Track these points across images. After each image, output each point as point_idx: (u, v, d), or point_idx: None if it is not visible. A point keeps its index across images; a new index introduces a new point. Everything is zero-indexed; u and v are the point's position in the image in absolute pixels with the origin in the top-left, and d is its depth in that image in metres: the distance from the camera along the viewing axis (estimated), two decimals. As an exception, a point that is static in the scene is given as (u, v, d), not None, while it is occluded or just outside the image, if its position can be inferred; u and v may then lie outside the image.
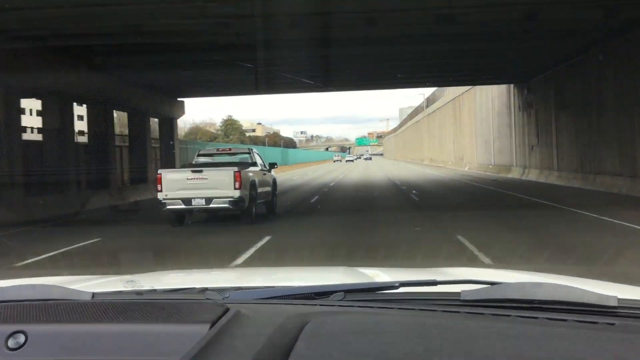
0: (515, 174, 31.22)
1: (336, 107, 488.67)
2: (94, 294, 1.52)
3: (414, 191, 22.92)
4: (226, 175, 12.86)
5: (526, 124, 30.10)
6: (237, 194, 12.72)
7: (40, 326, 1.21)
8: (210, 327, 1.17)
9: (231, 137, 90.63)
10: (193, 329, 1.17)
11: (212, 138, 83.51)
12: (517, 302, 1.33)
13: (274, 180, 16.11)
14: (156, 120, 29.74)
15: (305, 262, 7.74)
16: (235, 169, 13.05)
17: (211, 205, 12.89)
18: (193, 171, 13.24)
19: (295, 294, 1.49)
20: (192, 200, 12.82)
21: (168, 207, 12.95)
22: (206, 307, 1.33)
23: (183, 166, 16.34)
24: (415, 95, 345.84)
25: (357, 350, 1.07)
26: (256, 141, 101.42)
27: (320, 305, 1.38)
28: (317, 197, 22.15)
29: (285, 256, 8.61)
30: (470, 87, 41.13)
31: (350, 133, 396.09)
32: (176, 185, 12.92)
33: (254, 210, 13.55)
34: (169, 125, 29.57)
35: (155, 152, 29.28)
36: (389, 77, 26.63)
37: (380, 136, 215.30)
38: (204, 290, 1.63)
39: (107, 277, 2.26)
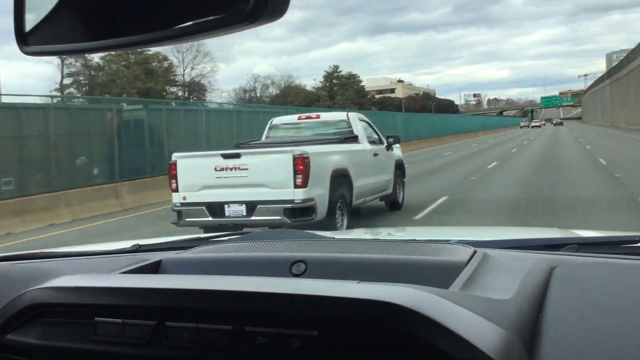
0: None
1: (521, 68, 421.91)
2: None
3: None
4: (280, 162, 7.85)
5: None
6: (300, 194, 7.76)
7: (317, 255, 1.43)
8: (466, 265, 1.26)
9: (337, 98, 62.51)
10: (451, 263, 1.28)
11: (310, 101, 56.66)
12: None
13: (399, 163, 11.37)
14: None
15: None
16: (299, 150, 7.90)
17: (254, 217, 7.84)
18: (225, 156, 8.18)
19: (531, 245, 1.58)
20: (225, 206, 7.96)
21: (186, 219, 8.21)
22: (458, 250, 1.42)
23: (237, 146, 10.07)
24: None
25: (607, 300, 1.08)
26: (387, 105, 71.50)
27: (559, 255, 1.43)
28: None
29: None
30: None
31: (538, 96, 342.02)
32: (199, 181, 8.16)
33: (340, 221, 8.39)
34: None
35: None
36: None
37: (576, 94, 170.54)
38: (446, 241, 1.69)
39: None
